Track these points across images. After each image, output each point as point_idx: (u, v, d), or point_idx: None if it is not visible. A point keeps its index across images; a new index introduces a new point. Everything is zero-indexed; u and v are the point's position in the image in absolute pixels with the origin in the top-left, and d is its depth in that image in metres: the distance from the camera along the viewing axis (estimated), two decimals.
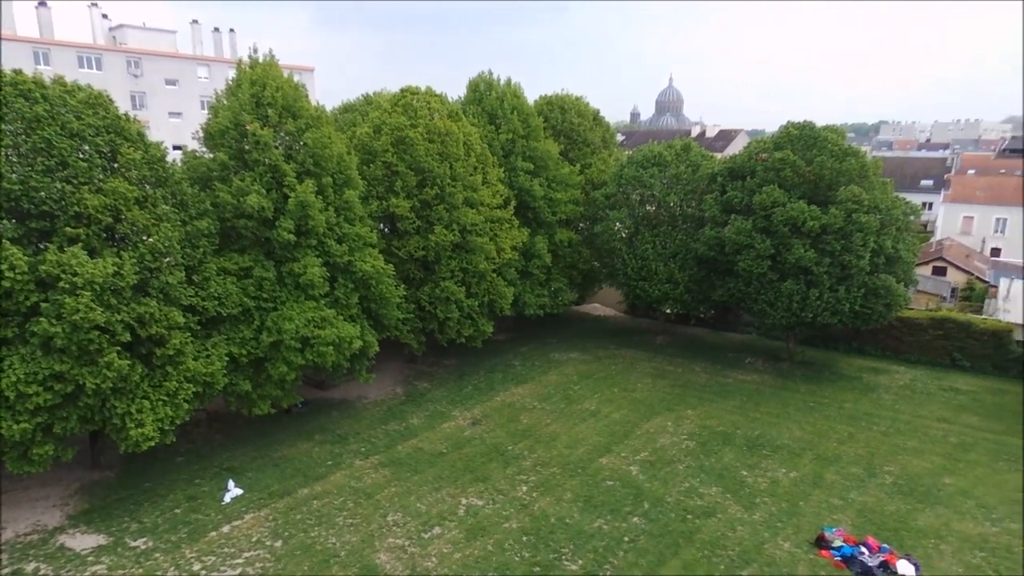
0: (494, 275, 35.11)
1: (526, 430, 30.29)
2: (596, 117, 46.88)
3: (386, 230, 34.55)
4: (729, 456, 27.81)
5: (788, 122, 37.84)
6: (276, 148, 26.55)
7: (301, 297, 26.50)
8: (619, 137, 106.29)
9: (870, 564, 20.22)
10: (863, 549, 20.88)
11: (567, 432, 30.08)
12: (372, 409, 32.55)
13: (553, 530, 22.35)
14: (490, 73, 41.23)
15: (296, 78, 29.18)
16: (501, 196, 35.96)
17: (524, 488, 25.14)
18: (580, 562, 20.67)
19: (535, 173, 39.09)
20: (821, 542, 21.42)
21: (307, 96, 28.71)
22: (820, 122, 37.29)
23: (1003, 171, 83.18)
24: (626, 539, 21.84)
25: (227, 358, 24.56)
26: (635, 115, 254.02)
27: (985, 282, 50.62)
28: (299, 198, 25.69)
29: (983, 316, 42.26)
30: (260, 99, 26.74)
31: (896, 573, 20.08)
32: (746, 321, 44.16)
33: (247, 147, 26.19)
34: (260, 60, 28.14)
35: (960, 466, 27.04)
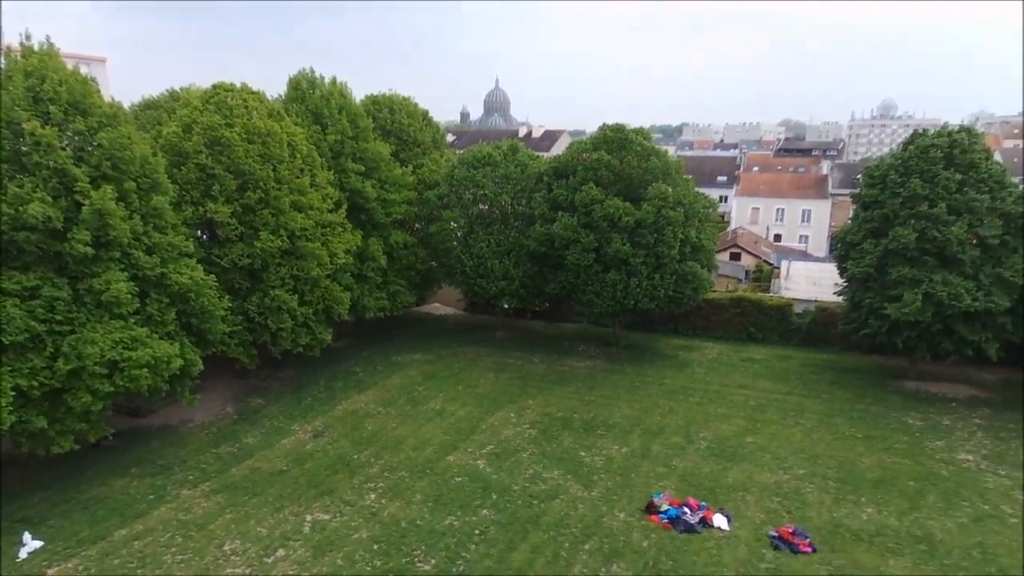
0: (328, 280, 33.91)
1: (372, 437, 29.74)
2: (426, 117, 47.03)
3: (204, 238, 31.94)
4: (568, 440, 29.50)
5: (604, 124, 40.86)
6: (63, 149, 23.36)
7: (105, 316, 23.61)
8: (450, 137, 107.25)
9: (691, 522, 22.62)
10: (686, 509, 23.29)
11: (414, 434, 30.01)
12: (199, 433, 29.99)
13: (404, 534, 22.25)
14: (312, 71, 39.68)
15: (84, 70, 25.89)
16: (331, 199, 34.81)
17: (372, 496, 24.71)
18: (433, 561, 20.81)
19: (367, 175, 38.33)
20: (651, 508, 23.55)
21: (99, 91, 25.59)
22: (636, 123, 40.82)
23: (779, 168, 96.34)
24: (477, 532, 22.36)
25: (13, 392, 21.24)
26: (465, 115, 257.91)
27: (771, 264, 58.56)
28: (95, 206, 22.86)
29: (770, 294, 48.86)
30: (39, 94, 23.37)
31: (713, 526, 22.65)
32: (577, 311, 46.94)
33: (24, 148, 22.79)
34: (35, 48, 24.55)
35: (758, 426, 31.08)
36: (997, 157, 39.17)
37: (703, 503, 23.84)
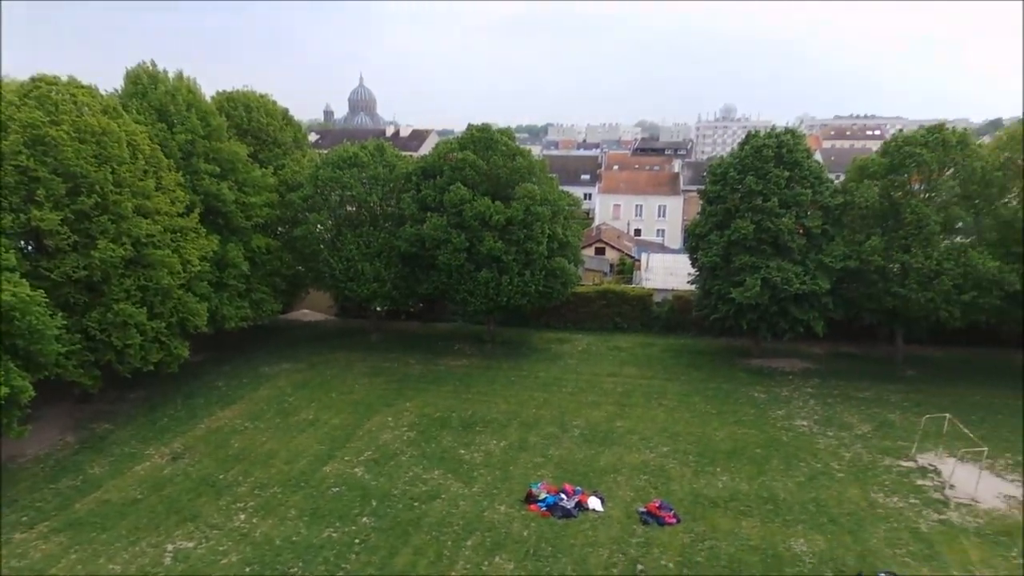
0: (182, 290, 31.44)
1: (239, 454, 28.06)
2: (286, 116, 45.00)
3: (30, 249, 28.48)
4: (447, 439, 29.60)
5: (470, 124, 41.31)
6: None
7: None
8: (313, 137, 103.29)
9: (568, 507, 23.59)
10: (562, 495, 24.23)
11: (285, 447, 28.70)
12: (33, 468, 26.71)
13: (279, 552, 21.26)
14: (153, 64, 36.59)
15: None
16: (182, 202, 32.32)
17: (242, 516, 23.35)
18: None
19: (223, 176, 35.99)
20: (529, 498, 24.26)
21: None
22: (504, 123, 41.66)
23: (637, 166, 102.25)
24: (357, 541, 21.86)
25: None
26: (328, 114, 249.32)
27: (632, 258, 62.14)
28: None
29: (633, 285, 51.86)
30: None
31: (588, 509, 23.76)
32: (451, 310, 47.06)
33: None
34: None
35: (626, 410, 32.96)
36: (817, 156, 44.32)
37: (578, 488, 24.92)
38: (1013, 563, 20.71)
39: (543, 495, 24.25)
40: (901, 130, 39.63)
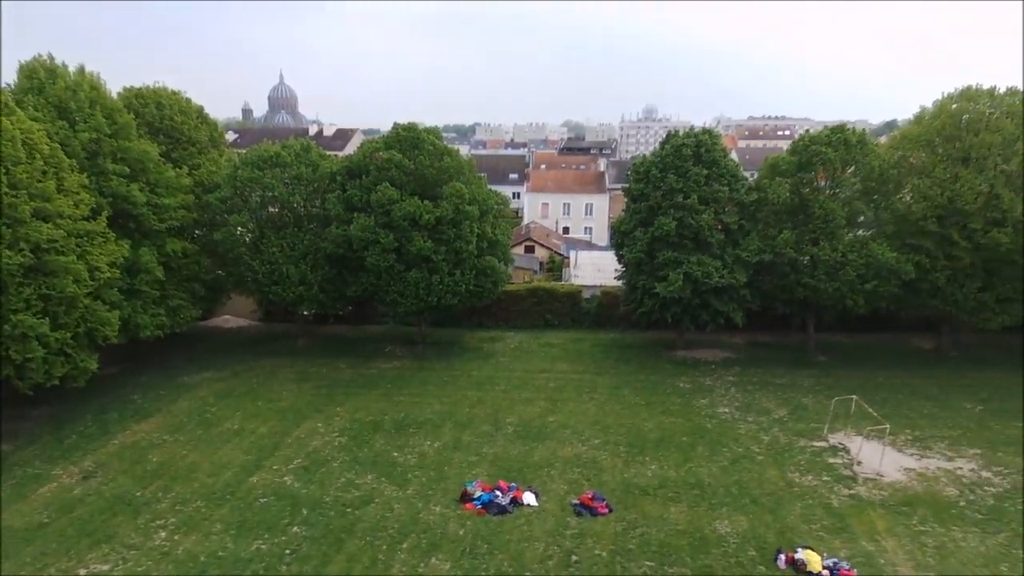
0: (90, 299, 29.54)
1: (158, 469, 26.68)
2: (201, 114, 42.99)
3: None
4: (380, 442, 29.18)
5: (396, 123, 40.82)
6: None
7: None
8: (231, 136, 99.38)
9: (503, 503, 23.75)
10: (497, 492, 24.37)
11: (208, 459, 27.51)
12: None
13: (204, 568, 20.39)
14: (51, 57, 34.22)
15: None
16: (87, 205, 30.36)
17: (163, 534, 22.24)
18: None
19: (132, 177, 34.04)
20: (465, 496, 24.27)
21: None
22: (432, 123, 41.36)
23: (564, 165, 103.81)
24: (287, 551, 21.24)
25: None
26: (247, 112, 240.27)
27: (561, 255, 63.12)
28: None
29: (562, 283, 52.71)
30: None
31: (523, 504, 23.99)
32: (381, 312, 46.45)
33: None
34: None
35: (558, 405, 33.48)
36: (733, 155, 46.37)
37: (513, 484, 25.12)
38: (914, 530, 22.41)
39: (478, 493, 24.32)
40: (808, 131, 42.01)
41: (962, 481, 25.72)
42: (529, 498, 24.27)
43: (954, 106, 37.27)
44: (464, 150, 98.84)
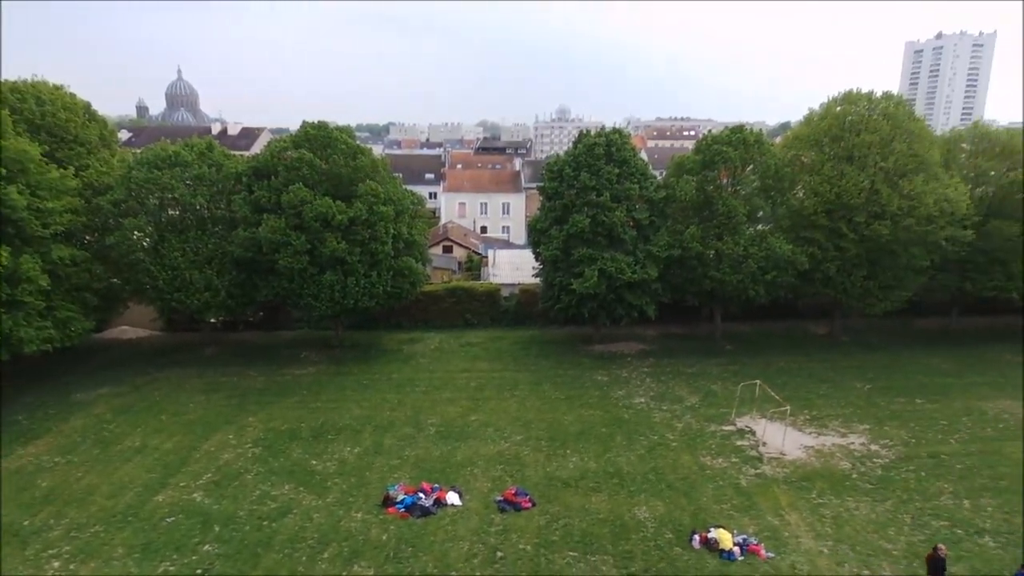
0: None
1: (49, 494, 24.62)
2: (88, 111, 40.01)
3: None
4: (297, 451, 28.22)
5: (305, 122, 39.57)
6: None
7: None
8: (124, 135, 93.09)
9: (427, 505, 23.54)
10: (420, 495, 24.12)
11: (107, 480, 25.65)
12: None
13: None
14: None
15: None
16: None
17: (56, 564, 20.55)
18: None
19: (9, 179, 31.19)
20: (387, 501, 23.87)
21: None
22: (344, 122, 40.29)
23: (480, 165, 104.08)
24: (199, 571, 20.15)
25: None
26: (143, 109, 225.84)
27: (479, 254, 63.22)
28: None
29: (481, 282, 52.81)
30: None
31: (447, 504, 23.88)
32: (295, 317, 44.95)
33: None
34: None
35: (480, 404, 33.54)
36: (643, 155, 47.96)
37: (436, 485, 24.96)
38: (813, 503, 24.04)
39: (401, 496, 23.99)
40: (711, 131, 44.12)
41: (854, 455, 27.82)
42: (453, 498, 24.18)
43: (838, 108, 40.22)
44: (378, 150, 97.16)
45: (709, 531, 21.73)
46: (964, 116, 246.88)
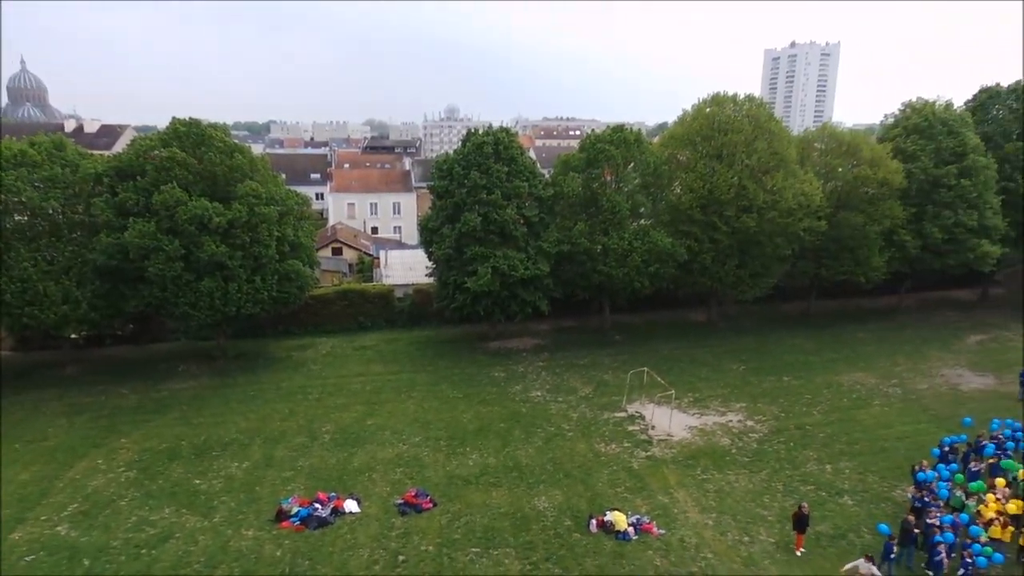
0: None
1: None
2: None
3: None
4: (178, 471, 26.34)
5: (175, 118, 36.93)
6: None
7: None
8: None
9: (323, 515, 22.77)
10: (316, 505, 23.30)
11: None
12: None
13: None
14: None
15: None
16: None
17: None
18: None
19: None
20: (281, 515, 22.85)
21: None
22: (219, 120, 37.95)
23: (368, 164, 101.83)
24: None
25: None
26: None
27: (371, 256, 61.87)
28: None
29: (373, 283, 51.69)
30: None
31: (345, 512, 23.21)
32: (172, 328, 41.87)
33: None
34: None
35: (376, 407, 32.86)
36: (531, 153, 48.93)
37: (333, 494, 24.20)
38: (698, 479, 25.66)
39: (295, 509, 23.05)
40: (593, 130, 45.70)
41: (732, 432, 29.96)
42: (351, 505, 23.56)
43: (708, 110, 43.03)
44: (258, 149, 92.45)
45: (605, 515, 22.60)
46: (816, 118, 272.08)
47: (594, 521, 22.41)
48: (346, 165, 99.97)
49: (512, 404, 33.20)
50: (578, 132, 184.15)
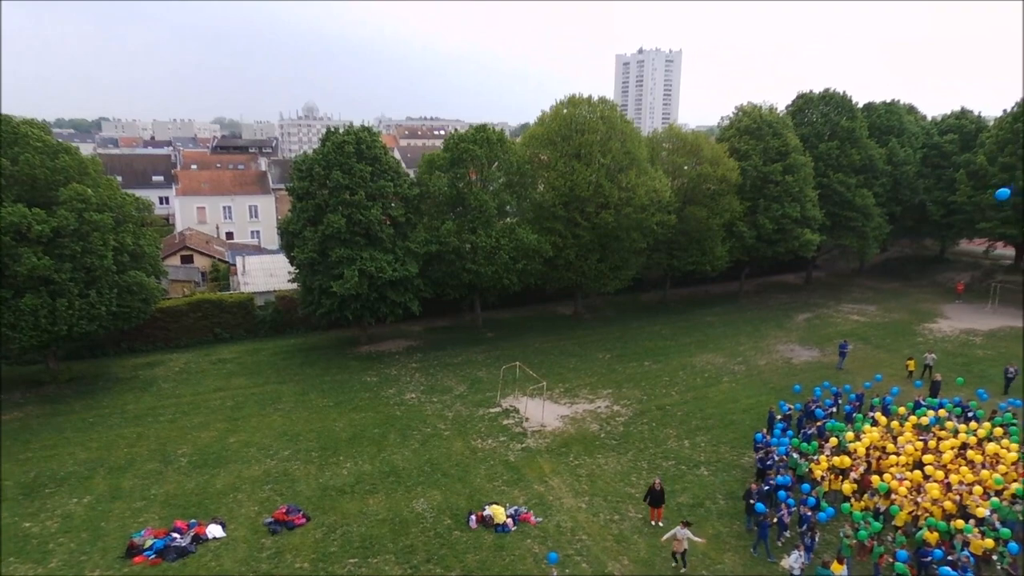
0: None
1: None
2: None
3: None
4: (3, 514, 23.10)
5: None
6: None
7: None
8: None
9: (183, 544, 21.02)
10: (174, 535, 21.44)
11: None
12: None
13: None
14: None
15: None
16: None
17: None
18: None
19: None
20: (132, 550, 20.79)
21: None
22: (37, 116, 33.57)
23: (219, 165, 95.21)
24: None
25: None
26: None
27: (226, 263, 57.91)
28: None
29: (230, 292, 48.44)
30: None
31: (208, 539, 21.59)
32: None
33: None
34: None
35: (239, 424, 30.84)
36: (396, 153, 48.17)
37: (193, 520, 22.40)
38: (571, 465, 26.69)
39: (149, 542, 21.07)
40: (456, 130, 45.92)
41: (601, 417, 31.48)
42: (215, 530, 21.95)
43: (565, 111, 44.78)
44: (88, 148, 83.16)
45: (484, 509, 22.86)
46: (664, 119, 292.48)
47: (473, 517, 22.58)
48: (194, 166, 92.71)
49: (386, 408, 32.59)
50: (442, 132, 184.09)
